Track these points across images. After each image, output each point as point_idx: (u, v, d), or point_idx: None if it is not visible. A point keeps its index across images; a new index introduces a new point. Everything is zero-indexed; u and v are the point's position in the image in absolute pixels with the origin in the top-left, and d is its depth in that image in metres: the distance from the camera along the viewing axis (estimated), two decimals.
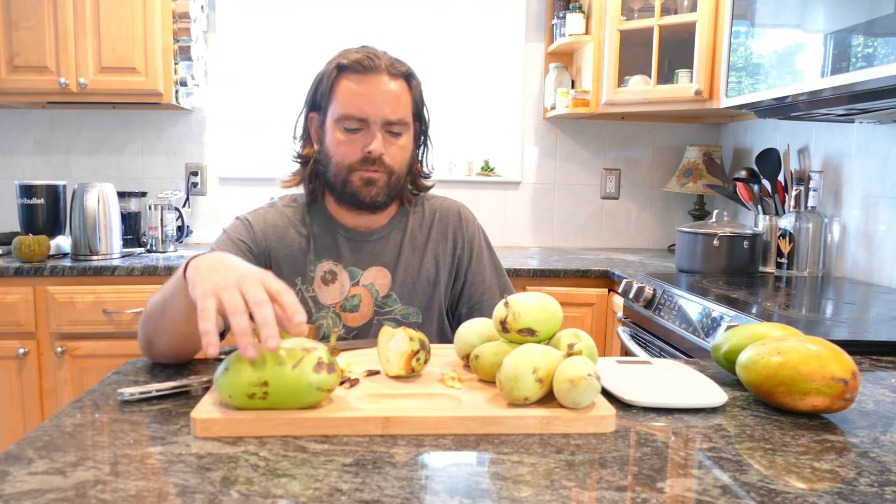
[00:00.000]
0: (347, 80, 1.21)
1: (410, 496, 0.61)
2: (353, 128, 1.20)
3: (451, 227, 1.36)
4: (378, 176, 1.22)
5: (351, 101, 1.20)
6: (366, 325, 1.27)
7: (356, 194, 1.23)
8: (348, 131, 1.21)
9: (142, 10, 2.51)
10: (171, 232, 2.66)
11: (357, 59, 1.20)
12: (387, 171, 1.22)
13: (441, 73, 3.00)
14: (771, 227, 2.26)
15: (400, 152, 1.24)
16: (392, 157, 1.22)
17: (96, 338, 2.27)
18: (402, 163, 1.25)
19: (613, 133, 3.05)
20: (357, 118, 1.20)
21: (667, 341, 1.75)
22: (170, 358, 1.02)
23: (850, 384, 0.80)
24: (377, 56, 1.22)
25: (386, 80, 1.20)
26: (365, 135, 1.20)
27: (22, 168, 2.88)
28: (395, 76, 1.22)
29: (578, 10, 2.69)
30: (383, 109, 1.19)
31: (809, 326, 1.39)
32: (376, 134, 1.20)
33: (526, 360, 0.79)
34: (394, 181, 1.24)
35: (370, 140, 1.20)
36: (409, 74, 1.25)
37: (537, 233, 3.08)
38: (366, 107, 1.19)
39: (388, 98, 1.20)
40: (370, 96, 1.19)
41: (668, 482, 0.65)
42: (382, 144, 1.20)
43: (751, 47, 1.87)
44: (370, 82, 1.20)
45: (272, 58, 2.89)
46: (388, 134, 1.21)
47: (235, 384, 0.75)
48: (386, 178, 1.22)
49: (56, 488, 0.61)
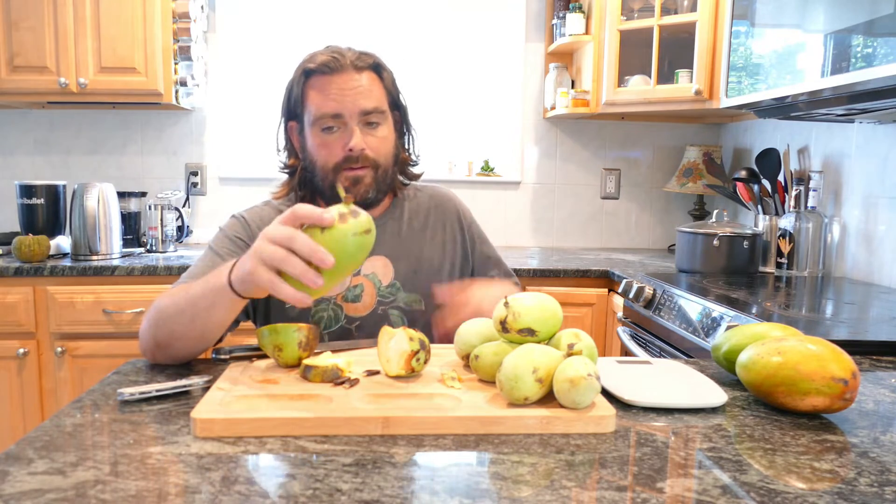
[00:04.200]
0: (316, 83, 1.21)
1: (410, 496, 0.61)
2: (329, 126, 1.20)
3: (451, 212, 1.38)
4: (364, 173, 1.21)
5: (323, 103, 1.20)
6: (369, 315, 1.26)
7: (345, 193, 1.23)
8: (326, 132, 1.21)
9: (142, 10, 2.51)
10: (171, 232, 2.66)
11: (322, 62, 1.20)
12: (372, 166, 1.22)
13: (441, 73, 3.00)
14: (771, 227, 2.26)
15: (382, 144, 1.23)
16: (375, 150, 1.22)
17: (96, 338, 2.27)
18: (386, 155, 1.24)
19: (613, 133, 3.05)
20: (331, 116, 1.19)
21: (667, 341, 1.75)
22: (180, 360, 1.03)
23: (850, 384, 0.80)
24: (342, 54, 1.21)
25: (354, 76, 1.21)
26: (343, 133, 1.20)
27: (22, 168, 2.88)
28: (362, 69, 1.22)
29: (578, 10, 2.69)
30: (356, 102, 1.19)
31: (809, 326, 1.39)
32: (354, 129, 1.20)
33: (526, 360, 0.79)
34: (381, 175, 1.24)
35: (349, 137, 1.20)
36: (377, 65, 1.25)
37: (537, 233, 3.08)
38: (337, 104, 1.19)
39: (359, 91, 1.20)
40: (341, 94, 1.19)
41: (668, 482, 0.65)
42: (362, 139, 1.20)
43: (751, 47, 1.87)
44: (338, 81, 1.20)
45: (272, 58, 2.89)
46: (366, 127, 1.21)
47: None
48: (372, 173, 1.22)
49: (56, 488, 0.61)
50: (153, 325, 1.02)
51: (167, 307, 1.01)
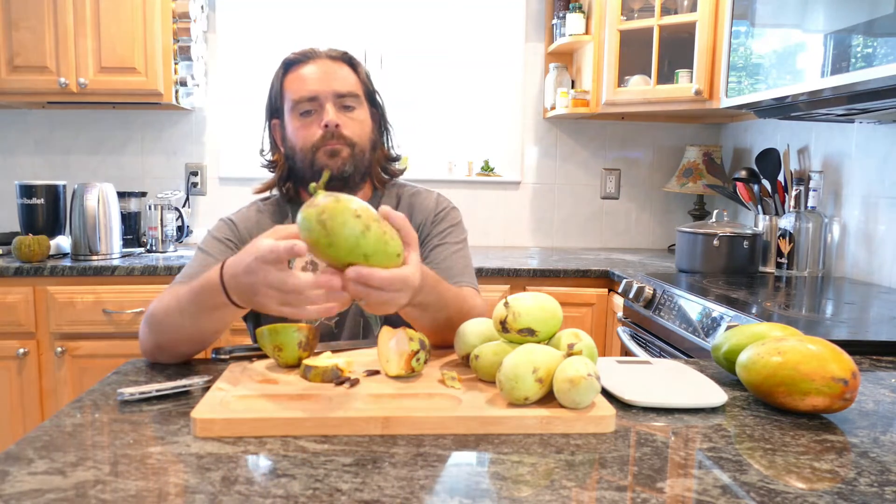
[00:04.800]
0: (293, 72, 1.27)
1: (410, 496, 0.61)
2: (306, 110, 1.24)
3: (423, 211, 1.34)
4: (340, 147, 1.24)
5: (299, 88, 1.25)
6: (347, 311, 1.26)
7: (325, 168, 1.23)
8: (304, 115, 1.25)
9: (142, 10, 2.51)
10: (171, 232, 2.66)
11: (299, 53, 1.28)
12: (348, 144, 1.24)
13: (441, 72, 3.00)
14: (771, 227, 2.26)
15: (357, 126, 1.26)
16: (351, 130, 1.25)
17: (96, 338, 2.27)
18: (361, 136, 1.27)
19: (613, 133, 3.05)
20: (307, 98, 1.24)
21: (667, 341, 1.75)
22: (182, 359, 1.03)
23: (850, 384, 0.80)
24: (317, 47, 1.29)
25: (328, 62, 1.27)
26: (319, 115, 1.24)
27: (22, 168, 2.88)
28: (336, 59, 1.28)
29: (578, 10, 2.69)
30: (331, 84, 1.24)
31: (809, 326, 1.39)
32: (327, 106, 1.23)
33: (526, 360, 0.79)
34: (357, 153, 1.26)
35: (325, 115, 1.23)
36: (351, 59, 1.31)
37: (537, 233, 3.08)
38: (313, 86, 1.24)
39: (333, 75, 1.26)
40: (316, 77, 1.25)
41: (668, 482, 0.65)
42: (336, 115, 1.23)
43: (751, 47, 1.87)
44: (313, 66, 1.26)
45: (272, 58, 2.88)
46: (341, 108, 1.25)
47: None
48: (349, 150, 1.25)
49: (56, 488, 0.61)
50: (152, 330, 1.02)
51: (162, 312, 1.02)
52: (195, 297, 0.96)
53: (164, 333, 1.01)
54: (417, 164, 3.00)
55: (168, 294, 1.05)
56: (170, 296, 1.03)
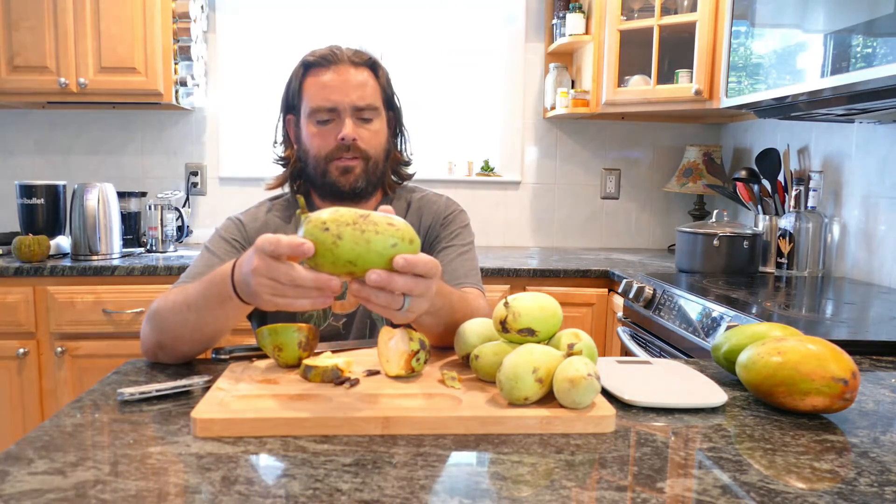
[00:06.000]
0: (314, 76, 1.25)
1: (410, 496, 0.61)
2: (324, 119, 1.23)
3: (431, 214, 1.34)
4: (355, 163, 1.24)
5: (319, 94, 1.23)
6: (356, 313, 1.26)
7: (335, 184, 1.25)
8: (320, 123, 1.24)
9: (142, 10, 2.51)
10: (171, 232, 2.66)
11: (321, 55, 1.25)
12: (363, 157, 1.24)
13: (441, 72, 3.00)
14: (771, 227, 2.26)
15: (373, 137, 1.26)
16: (366, 142, 1.24)
17: (96, 338, 2.27)
18: (377, 147, 1.27)
19: (613, 133, 3.05)
20: (326, 109, 1.23)
21: (667, 341, 1.75)
22: (183, 359, 1.03)
23: (850, 384, 0.80)
24: (340, 49, 1.26)
25: (350, 70, 1.24)
26: (336, 124, 1.23)
27: (22, 168, 2.88)
28: (359, 65, 1.26)
29: (578, 10, 2.69)
30: (350, 96, 1.23)
31: (809, 326, 1.39)
32: (346, 120, 1.22)
33: (526, 360, 0.79)
34: (371, 167, 1.26)
35: (342, 128, 1.22)
36: (374, 63, 1.29)
37: (537, 233, 3.08)
38: (333, 96, 1.22)
39: (354, 85, 1.23)
40: (336, 87, 1.23)
41: (668, 482, 0.65)
42: (353, 129, 1.23)
43: (751, 47, 1.87)
44: (335, 73, 1.23)
45: (272, 58, 2.89)
46: (358, 120, 1.24)
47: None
48: (363, 164, 1.24)
49: (56, 488, 0.61)
50: (156, 328, 1.02)
51: (168, 309, 1.01)
52: (206, 288, 0.96)
53: (167, 331, 1.00)
54: (417, 164, 2.99)
55: (174, 291, 1.05)
56: (176, 292, 1.03)
